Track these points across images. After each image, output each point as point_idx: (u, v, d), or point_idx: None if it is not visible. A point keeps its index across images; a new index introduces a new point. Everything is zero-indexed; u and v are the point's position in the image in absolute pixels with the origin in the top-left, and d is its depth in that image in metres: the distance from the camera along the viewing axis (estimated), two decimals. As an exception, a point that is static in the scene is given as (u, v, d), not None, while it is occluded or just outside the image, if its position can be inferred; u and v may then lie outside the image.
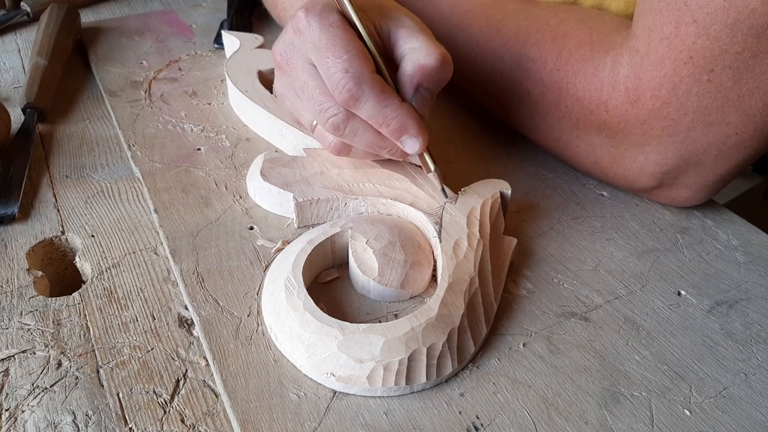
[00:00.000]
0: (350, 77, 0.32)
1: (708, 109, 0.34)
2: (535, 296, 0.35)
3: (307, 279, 0.33)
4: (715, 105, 0.33)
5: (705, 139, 0.35)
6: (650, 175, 0.38)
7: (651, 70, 0.34)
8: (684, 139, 0.35)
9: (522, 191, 0.43)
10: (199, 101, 0.51)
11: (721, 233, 0.40)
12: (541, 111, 0.41)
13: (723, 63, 0.32)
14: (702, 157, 0.36)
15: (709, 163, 0.36)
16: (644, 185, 0.40)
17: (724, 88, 0.33)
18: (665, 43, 0.33)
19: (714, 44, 0.32)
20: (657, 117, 0.35)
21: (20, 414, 0.28)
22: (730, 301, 0.35)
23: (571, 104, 0.39)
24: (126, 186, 0.43)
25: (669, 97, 0.34)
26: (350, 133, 0.35)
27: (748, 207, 0.39)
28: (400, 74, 0.35)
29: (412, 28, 0.35)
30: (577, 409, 0.29)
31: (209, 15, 0.66)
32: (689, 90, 0.33)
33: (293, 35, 0.35)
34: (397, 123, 0.33)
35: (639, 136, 0.37)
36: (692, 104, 0.34)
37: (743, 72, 0.32)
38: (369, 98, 0.33)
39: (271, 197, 0.39)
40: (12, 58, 0.59)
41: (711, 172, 0.37)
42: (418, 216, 0.36)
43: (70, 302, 0.34)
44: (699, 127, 0.35)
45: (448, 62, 0.35)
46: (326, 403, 0.29)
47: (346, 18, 0.34)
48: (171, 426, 0.28)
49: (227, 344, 0.31)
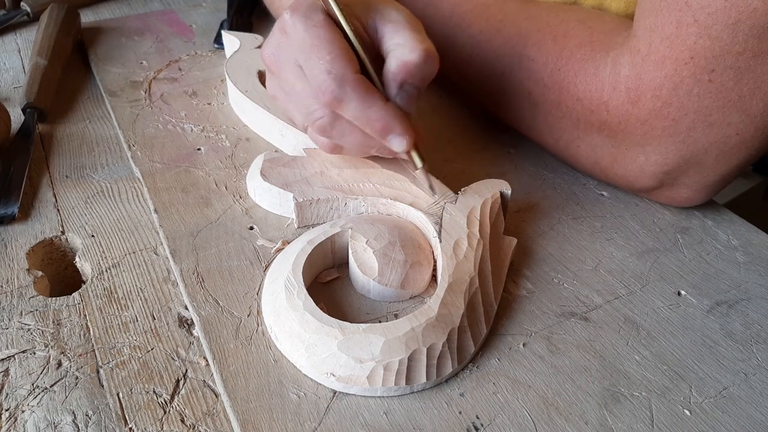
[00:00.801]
0: (332, 79, 0.32)
1: (709, 110, 0.34)
2: (535, 296, 0.35)
3: (307, 279, 0.33)
4: (716, 105, 0.33)
5: (706, 140, 0.35)
6: (651, 175, 0.38)
7: (652, 71, 0.34)
8: (685, 139, 0.35)
9: (522, 191, 0.43)
10: (199, 101, 0.51)
11: (721, 233, 0.40)
12: (542, 111, 0.41)
13: (724, 63, 0.32)
14: (703, 158, 0.36)
15: (709, 163, 0.36)
16: (645, 185, 0.40)
17: (725, 88, 0.33)
18: (666, 43, 0.33)
19: (715, 44, 0.32)
20: (658, 117, 0.35)
21: (20, 414, 0.28)
22: (730, 301, 0.35)
23: (571, 104, 0.39)
24: (126, 186, 0.43)
25: (670, 97, 0.34)
26: (338, 134, 0.35)
27: (748, 207, 0.39)
28: (384, 72, 0.35)
29: (398, 22, 0.35)
30: (577, 409, 0.29)
31: (209, 15, 0.66)
32: (690, 90, 0.33)
33: (280, 37, 0.35)
34: (381, 123, 0.33)
35: (640, 136, 0.37)
36: (693, 104, 0.34)
37: (744, 72, 0.32)
38: (352, 99, 0.33)
39: (271, 197, 0.39)
40: (12, 58, 0.59)
41: (712, 172, 0.37)
42: (418, 216, 0.36)
43: (70, 302, 0.34)
44: (700, 128, 0.35)
45: (432, 57, 0.34)
46: (326, 403, 0.29)
47: (332, 17, 0.34)
48: (171, 426, 0.28)
49: (227, 344, 0.31)
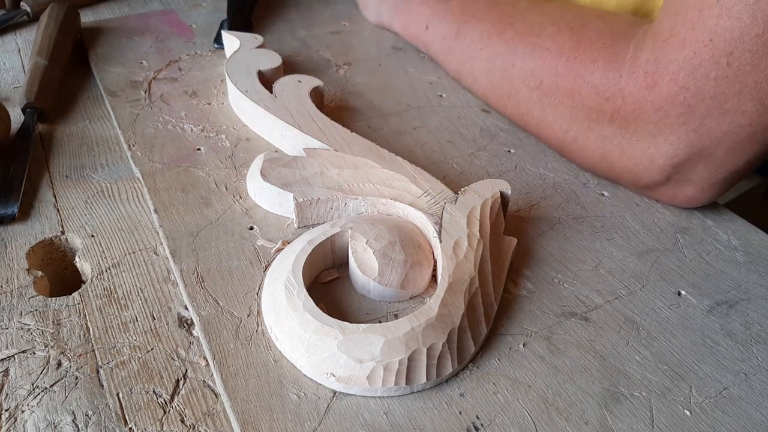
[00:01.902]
0: None
1: (725, 96, 0.34)
2: (535, 296, 0.35)
3: (307, 279, 0.33)
4: (731, 91, 0.34)
5: (719, 129, 0.35)
6: (659, 168, 0.38)
7: (672, 53, 0.35)
8: (698, 128, 0.36)
9: (522, 191, 0.43)
10: (199, 101, 0.51)
11: (722, 233, 0.40)
12: (553, 101, 0.41)
13: (742, 46, 0.32)
14: (714, 150, 0.36)
15: (720, 156, 0.36)
16: (652, 180, 0.40)
17: (742, 73, 0.33)
18: (688, 26, 0.34)
19: (735, 25, 0.32)
20: (673, 103, 0.35)
21: (20, 414, 0.28)
22: (731, 301, 0.35)
23: (586, 92, 0.39)
24: (126, 186, 0.43)
25: (687, 80, 0.35)
26: None
27: (748, 207, 0.39)
28: None
29: None
30: (577, 409, 0.29)
31: (209, 15, 0.66)
32: (708, 74, 0.34)
33: None
34: None
35: (653, 124, 0.37)
36: (709, 89, 0.34)
37: (762, 57, 0.32)
38: None
39: (271, 197, 0.39)
40: (12, 58, 0.59)
41: (721, 167, 0.37)
42: (418, 216, 0.36)
43: (70, 302, 0.34)
44: (714, 115, 0.35)
45: None
46: (326, 403, 0.29)
47: None
48: (171, 426, 0.28)
49: (227, 344, 0.31)
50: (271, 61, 0.51)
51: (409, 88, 0.55)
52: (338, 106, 0.52)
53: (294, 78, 0.48)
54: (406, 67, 0.59)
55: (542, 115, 0.43)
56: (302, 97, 0.46)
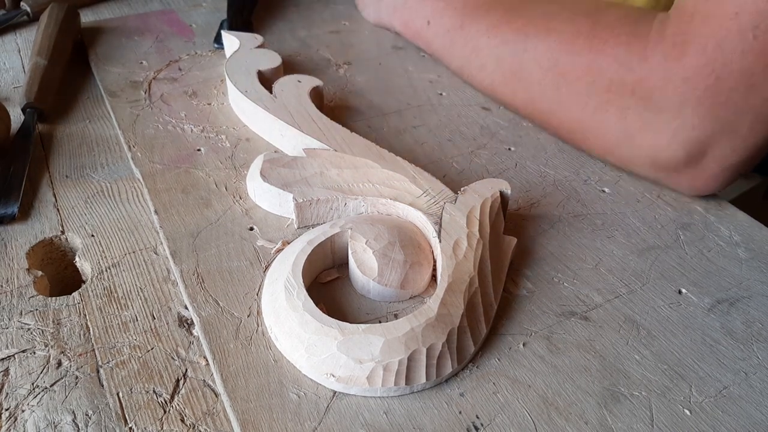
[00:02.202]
0: None
1: (752, 70, 0.34)
2: (535, 296, 0.35)
3: (307, 279, 0.33)
4: (758, 65, 0.34)
5: (745, 103, 0.35)
6: (682, 142, 0.38)
7: (698, 26, 0.35)
8: (725, 101, 0.35)
9: (522, 189, 0.43)
10: (199, 101, 0.51)
11: (723, 228, 0.40)
12: (569, 79, 0.41)
13: None
14: (738, 125, 0.36)
15: (743, 131, 0.36)
16: (673, 156, 0.39)
17: None
18: (713, 1, 0.34)
19: None
20: (701, 74, 0.35)
21: (20, 414, 0.28)
22: (731, 299, 0.35)
23: (606, 65, 0.39)
24: (126, 186, 0.43)
25: (715, 53, 0.35)
26: None
27: (748, 207, 0.39)
28: None
29: None
30: (577, 409, 0.29)
31: (209, 15, 0.66)
32: (735, 47, 0.34)
33: None
34: None
35: (680, 96, 0.37)
36: (737, 63, 0.34)
37: None
38: None
39: (271, 198, 0.39)
40: (12, 58, 0.59)
41: (743, 142, 0.37)
42: (418, 216, 0.36)
43: (70, 302, 0.34)
44: (741, 89, 0.35)
45: None
46: (326, 403, 0.29)
47: None
48: (171, 426, 0.28)
49: (227, 344, 0.31)
50: (270, 61, 0.51)
51: (409, 86, 0.55)
52: (338, 105, 0.52)
53: (294, 78, 0.48)
54: (406, 65, 0.59)
55: (556, 95, 0.42)
56: (302, 97, 0.46)
